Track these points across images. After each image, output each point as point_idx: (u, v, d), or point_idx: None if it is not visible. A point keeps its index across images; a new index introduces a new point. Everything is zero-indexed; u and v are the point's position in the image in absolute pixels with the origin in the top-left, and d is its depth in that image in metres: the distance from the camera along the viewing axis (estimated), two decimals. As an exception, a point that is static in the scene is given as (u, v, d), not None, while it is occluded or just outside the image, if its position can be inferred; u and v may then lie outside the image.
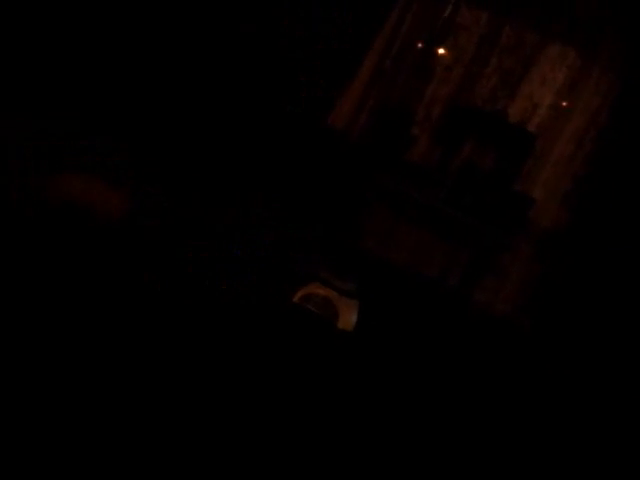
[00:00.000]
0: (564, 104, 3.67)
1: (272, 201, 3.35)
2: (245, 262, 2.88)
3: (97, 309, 2.04)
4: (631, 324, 3.38)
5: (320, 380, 2.44)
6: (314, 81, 3.60)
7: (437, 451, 2.34)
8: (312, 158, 3.62)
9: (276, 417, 2.08)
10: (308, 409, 2.24)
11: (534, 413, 2.99)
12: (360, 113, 3.76)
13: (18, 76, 2.87)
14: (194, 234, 2.95)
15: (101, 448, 1.59)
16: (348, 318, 2.74)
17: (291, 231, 3.24)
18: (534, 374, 3.36)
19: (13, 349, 1.73)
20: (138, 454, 1.63)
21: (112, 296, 2.17)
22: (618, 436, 2.99)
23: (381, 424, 2.37)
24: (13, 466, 1.43)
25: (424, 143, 3.70)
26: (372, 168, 3.58)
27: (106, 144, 2.85)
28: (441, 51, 3.68)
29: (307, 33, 3.48)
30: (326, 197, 3.54)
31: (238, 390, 2.10)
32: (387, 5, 3.57)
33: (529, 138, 3.61)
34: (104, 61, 3.14)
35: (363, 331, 2.80)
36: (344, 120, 3.76)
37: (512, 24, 3.64)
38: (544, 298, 3.63)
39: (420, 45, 3.73)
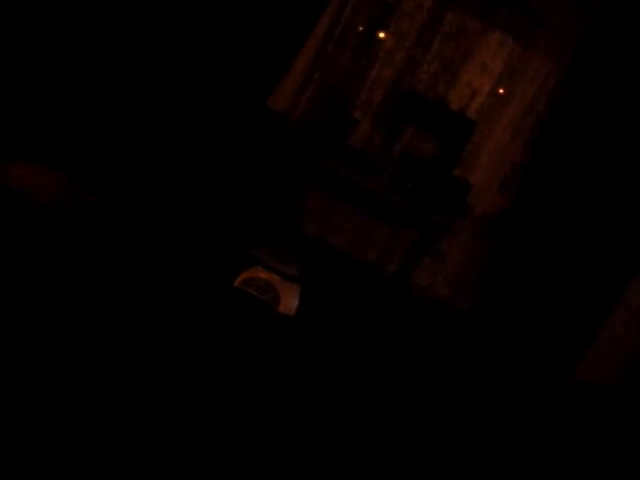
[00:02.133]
0: (503, 92, 3.76)
1: (213, 185, 3.35)
2: (187, 246, 2.89)
3: (36, 291, 2.05)
4: (564, 307, 3.51)
5: (261, 364, 2.47)
6: (255, 64, 3.58)
7: (376, 435, 2.40)
8: (252, 141, 3.61)
9: (216, 402, 2.10)
10: (249, 393, 2.27)
11: (471, 395, 3.09)
12: (301, 96, 3.76)
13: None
14: (134, 217, 2.94)
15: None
16: (289, 302, 2.77)
17: (233, 215, 3.25)
18: (471, 355, 3.47)
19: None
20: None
21: (51, 278, 2.16)
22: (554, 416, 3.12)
23: (321, 408, 2.42)
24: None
25: (365, 127, 3.73)
26: (313, 151, 3.59)
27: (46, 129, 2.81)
28: (382, 35, 3.71)
29: (247, 16, 3.46)
30: (267, 180, 3.54)
31: (179, 375, 2.11)
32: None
33: (468, 124, 3.69)
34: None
35: (304, 315, 2.84)
36: (285, 103, 3.75)
37: (454, 11, 3.70)
38: (481, 281, 3.73)
39: (362, 29, 3.74)
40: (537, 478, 2.56)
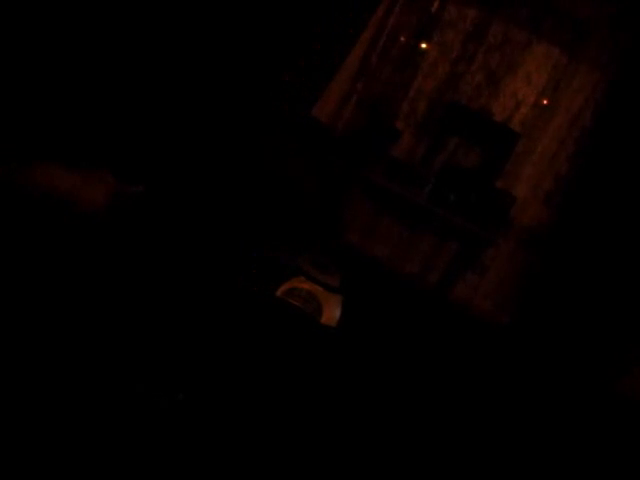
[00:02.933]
0: (548, 103, 3.73)
1: (256, 196, 3.36)
2: (230, 257, 2.91)
3: (79, 300, 2.08)
4: (608, 321, 3.46)
5: (303, 374, 2.47)
6: (299, 76, 3.60)
7: (418, 446, 2.38)
8: (296, 151, 3.63)
9: (256, 412, 2.11)
10: (290, 403, 2.27)
11: (512, 409, 3.06)
12: (345, 107, 3.79)
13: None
14: (178, 227, 2.97)
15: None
16: (332, 313, 2.74)
17: (275, 226, 3.28)
18: (511, 369, 3.43)
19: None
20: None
21: (96, 288, 2.19)
22: (597, 431, 3.07)
23: (362, 420, 2.41)
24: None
25: (408, 138, 3.75)
26: (356, 162, 3.61)
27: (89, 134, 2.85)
28: (424, 45, 3.72)
29: (293, 28, 3.49)
30: (310, 191, 3.56)
31: (220, 384, 2.13)
32: (374, 2, 3.59)
33: (512, 136, 3.66)
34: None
35: (346, 326, 2.85)
36: (329, 114, 3.79)
37: (499, 22, 3.68)
38: (523, 295, 3.69)
39: (405, 40, 3.75)
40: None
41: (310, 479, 1.90)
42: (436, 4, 3.72)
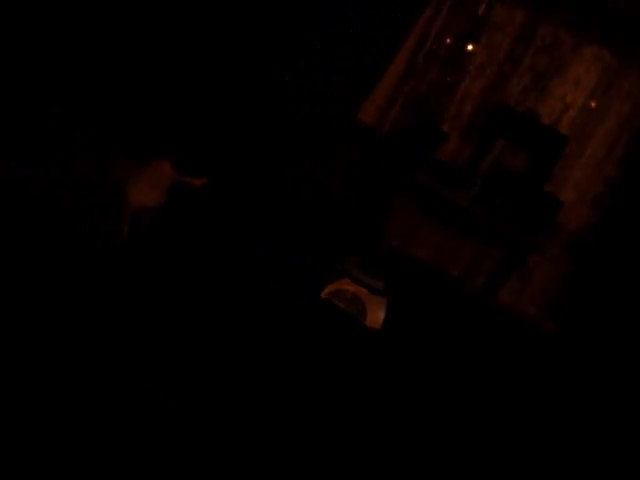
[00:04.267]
0: (597, 106, 3.69)
1: (302, 197, 3.40)
2: (276, 258, 2.96)
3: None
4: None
5: (347, 376, 2.49)
6: (345, 80, 3.62)
7: (460, 452, 2.39)
8: (341, 153, 3.65)
9: (301, 412, 2.14)
10: (334, 404, 2.29)
11: (555, 416, 3.03)
12: (391, 109, 3.82)
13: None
14: (229, 227, 3.02)
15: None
16: (376, 315, 2.81)
17: (320, 227, 3.35)
18: (557, 375, 3.39)
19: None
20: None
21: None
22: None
23: (404, 422, 2.42)
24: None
25: (455, 141, 3.76)
26: (401, 164, 3.62)
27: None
28: (470, 47, 3.73)
29: (340, 32, 3.52)
30: (355, 194, 3.58)
31: (265, 384, 2.16)
32: (421, 4, 3.59)
33: (560, 139, 3.64)
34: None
35: (390, 329, 2.85)
36: (374, 115, 3.81)
37: (547, 24, 3.67)
38: (569, 301, 3.67)
39: (452, 41, 3.75)
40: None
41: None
42: (483, 6, 3.71)
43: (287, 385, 2.23)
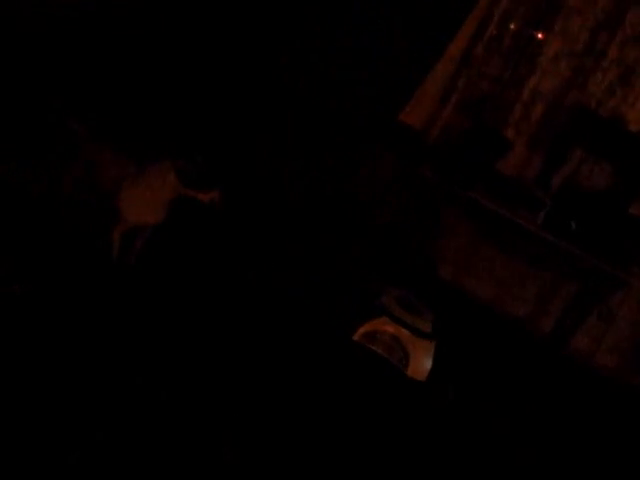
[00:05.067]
0: None
1: (336, 223, 3.59)
2: (307, 290, 3.10)
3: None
4: None
5: (387, 439, 2.58)
6: (386, 67, 3.73)
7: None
8: (381, 163, 3.77)
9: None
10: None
11: None
12: (442, 110, 3.88)
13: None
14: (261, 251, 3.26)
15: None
16: (420, 363, 2.88)
17: (356, 253, 3.46)
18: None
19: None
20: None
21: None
22: None
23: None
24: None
25: (520, 150, 3.81)
26: (453, 177, 3.69)
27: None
28: (541, 36, 3.77)
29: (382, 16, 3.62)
30: (397, 211, 3.72)
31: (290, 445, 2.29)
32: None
33: None
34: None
35: (437, 381, 2.95)
36: (422, 117, 3.88)
37: (637, 9, 3.71)
38: None
39: (519, 29, 3.82)
40: None
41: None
42: (558, -15, 3.77)
43: (313, 449, 2.32)
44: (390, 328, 2.87)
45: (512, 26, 3.81)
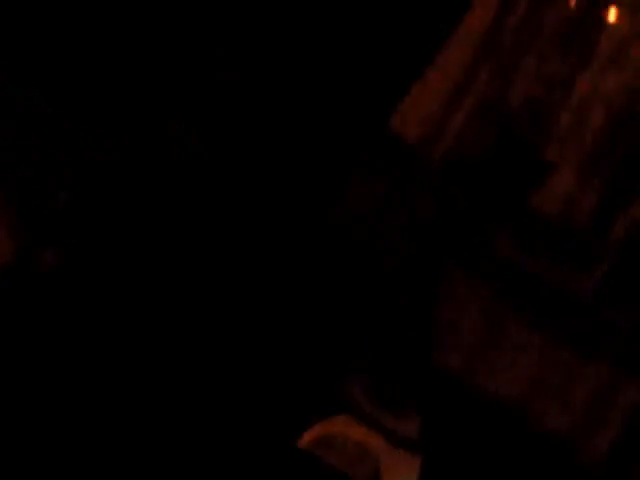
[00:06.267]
0: None
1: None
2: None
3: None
4: None
5: None
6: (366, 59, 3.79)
7: None
8: (363, 192, 3.84)
9: None
10: None
11: None
12: (451, 117, 3.86)
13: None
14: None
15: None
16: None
17: (318, 315, 3.49)
18: None
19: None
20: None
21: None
22: None
23: None
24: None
25: (567, 177, 3.76)
26: (465, 214, 3.71)
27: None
28: (612, 15, 3.70)
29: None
30: (385, 259, 3.76)
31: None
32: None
33: None
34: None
35: None
36: (421, 127, 3.86)
37: None
38: None
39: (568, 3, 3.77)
40: None
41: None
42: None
43: None
44: (355, 432, 2.87)
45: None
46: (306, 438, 2.80)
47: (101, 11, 3.66)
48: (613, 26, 3.74)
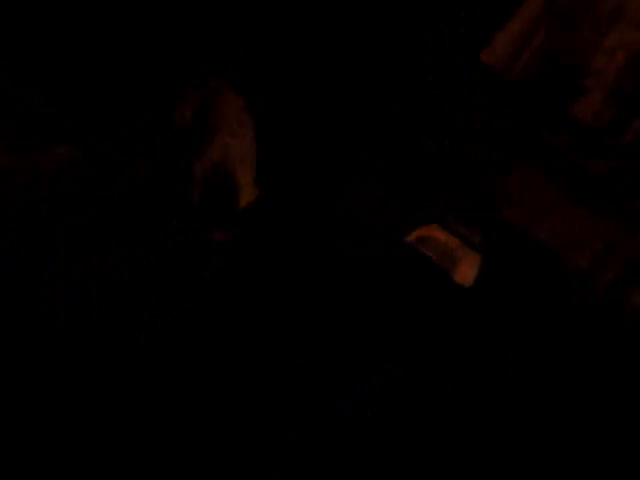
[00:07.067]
0: None
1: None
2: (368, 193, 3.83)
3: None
4: None
5: (425, 336, 3.44)
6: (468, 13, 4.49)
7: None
8: (461, 99, 4.50)
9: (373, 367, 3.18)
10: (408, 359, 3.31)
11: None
12: (521, 52, 4.70)
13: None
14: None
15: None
16: (467, 272, 3.68)
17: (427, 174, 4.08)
18: None
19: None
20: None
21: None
22: None
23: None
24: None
25: (597, 97, 4.61)
26: (528, 119, 4.54)
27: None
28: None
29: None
30: (469, 141, 4.42)
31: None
32: None
33: None
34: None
35: (482, 293, 3.74)
36: (501, 59, 4.72)
37: None
38: None
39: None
40: None
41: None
42: None
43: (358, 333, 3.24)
44: (442, 235, 3.61)
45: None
46: (413, 236, 3.52)
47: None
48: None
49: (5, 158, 3.25)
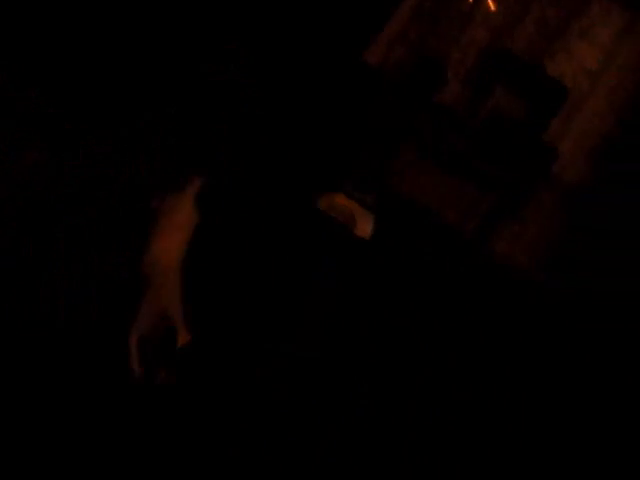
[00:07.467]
0: (604, 61, 5.33)
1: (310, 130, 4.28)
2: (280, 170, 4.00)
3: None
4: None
5: (340, 281, 3.74)
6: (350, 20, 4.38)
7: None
8: (345, 93, 4.53)
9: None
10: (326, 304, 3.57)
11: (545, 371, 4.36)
12: (395, 52, 5.40)
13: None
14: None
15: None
16: (365, 227, 4.12)
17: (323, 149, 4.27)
18: (545, 326, 4.65)
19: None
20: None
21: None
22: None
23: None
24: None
25: (455, 86, 5.41)
26: (402, 107, 5.26)
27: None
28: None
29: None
30: (357, 129, 4.65)
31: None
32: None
33: (562, 90, 5.32)
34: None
35: (377, 244, 4.24)
36: (379, 57, 5.36)
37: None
38: (562, 252, 5.28)
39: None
40: None
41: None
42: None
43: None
44: (344, 201, 4.08)
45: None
46: (321, 204, 3.91)
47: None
48: (484, 4, 5.47)
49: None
